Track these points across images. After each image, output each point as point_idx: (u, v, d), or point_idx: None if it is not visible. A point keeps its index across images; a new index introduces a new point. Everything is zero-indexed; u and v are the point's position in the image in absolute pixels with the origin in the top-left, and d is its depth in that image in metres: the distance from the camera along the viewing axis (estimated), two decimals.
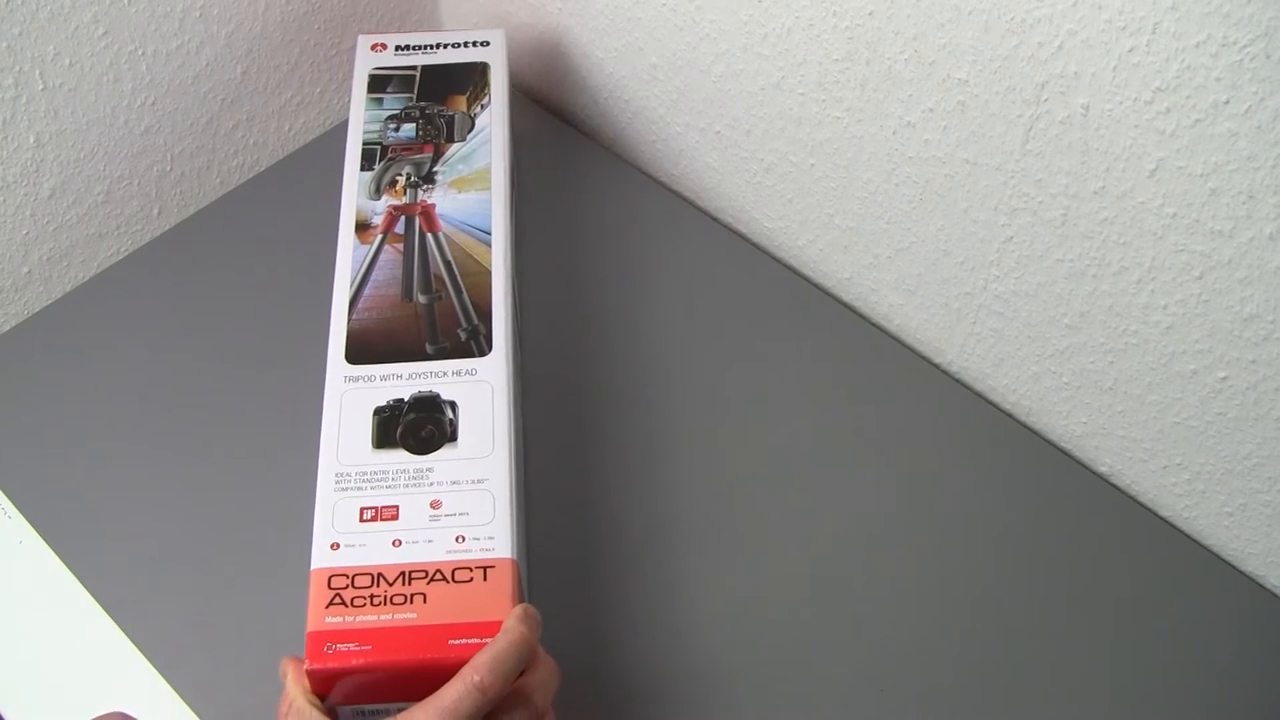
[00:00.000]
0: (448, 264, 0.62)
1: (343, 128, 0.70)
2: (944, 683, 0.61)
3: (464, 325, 0.60)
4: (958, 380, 0.74)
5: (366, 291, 0.61)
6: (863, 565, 0.65)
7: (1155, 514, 0.68)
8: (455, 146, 0.68)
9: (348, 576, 0.51)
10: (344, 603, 0.50)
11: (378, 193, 0.65)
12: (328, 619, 0.49)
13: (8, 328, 0.77)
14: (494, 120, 0.69)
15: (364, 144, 0.68)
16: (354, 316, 0.60)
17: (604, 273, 0.78)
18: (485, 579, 0.51)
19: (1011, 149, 0.61)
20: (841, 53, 0.65)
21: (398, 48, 0.74)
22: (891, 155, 0.67)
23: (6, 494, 0.67)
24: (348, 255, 0.62)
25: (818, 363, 0.73)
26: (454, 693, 0.46)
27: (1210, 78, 0.51)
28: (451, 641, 0.49)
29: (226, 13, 0.79)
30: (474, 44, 0.74)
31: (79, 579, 0.64)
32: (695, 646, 0.62)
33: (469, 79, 0.72)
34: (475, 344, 0.59)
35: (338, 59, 0.88)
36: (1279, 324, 0.56)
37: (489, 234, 0.64)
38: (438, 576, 0.51)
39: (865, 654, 0.62)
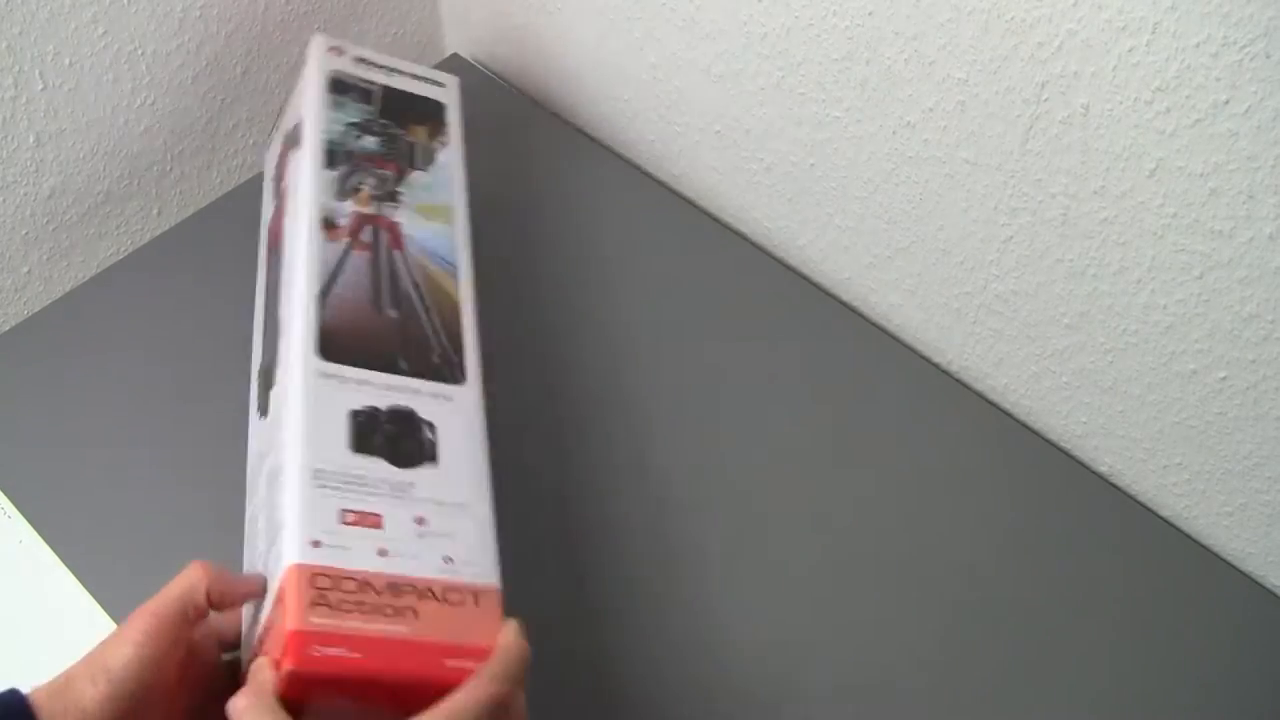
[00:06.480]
0: (416, 285, 0.60)
1: None
2: (943, 682, 0.61)
3: (436, 349, 0.58)
4: (957, 380, 0.74)
5: (336, 290, 0.59)
6: (862, 565, 0.65)
7: (1155, 514, 0.68)
8: (417, 174, 0.66)
9: (332, 578, 0.48)
10: (329, 605, 0.47)
11: (343, 195, 0.62)
12: (313, 619, 0.47)
13: (8, 327, 0.77)
14: (452, 162, 0.68)
15: (328, 142, 0.64)
16: (326, 311, 0.57)
17: (604, 272, 0.78)
18: (477, 604, 0.50)
19: (1011, 149, 0.61)
20: (841, 52, 0.65)
21: (356, 58, 0.71)
22: (891, 155, 0.67)
23: (6, 494, 0.67)
24: (316, 248, 0.59)
25: (818, 362, 0.73)
26: (469, 701, 0.45)
27: (1210, 77, 0.51)
28: (448, 662, 0.47)
29: (226, 12, 0.79)
30: (430, 81, 0.72)
31: (79, 579, 0.64)
32: (695, 647, 0.62)
33: (428, 113, 0.70)
34: (449, 371, 0.57)
35: None
36: (1279, 324, 0.56)
37: (453, 265, 0.62)
38: (428, 594, 0.49)
39: (864, 654, 0.62)
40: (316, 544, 0.49)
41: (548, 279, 0.78)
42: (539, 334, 0.75)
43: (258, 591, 0.50)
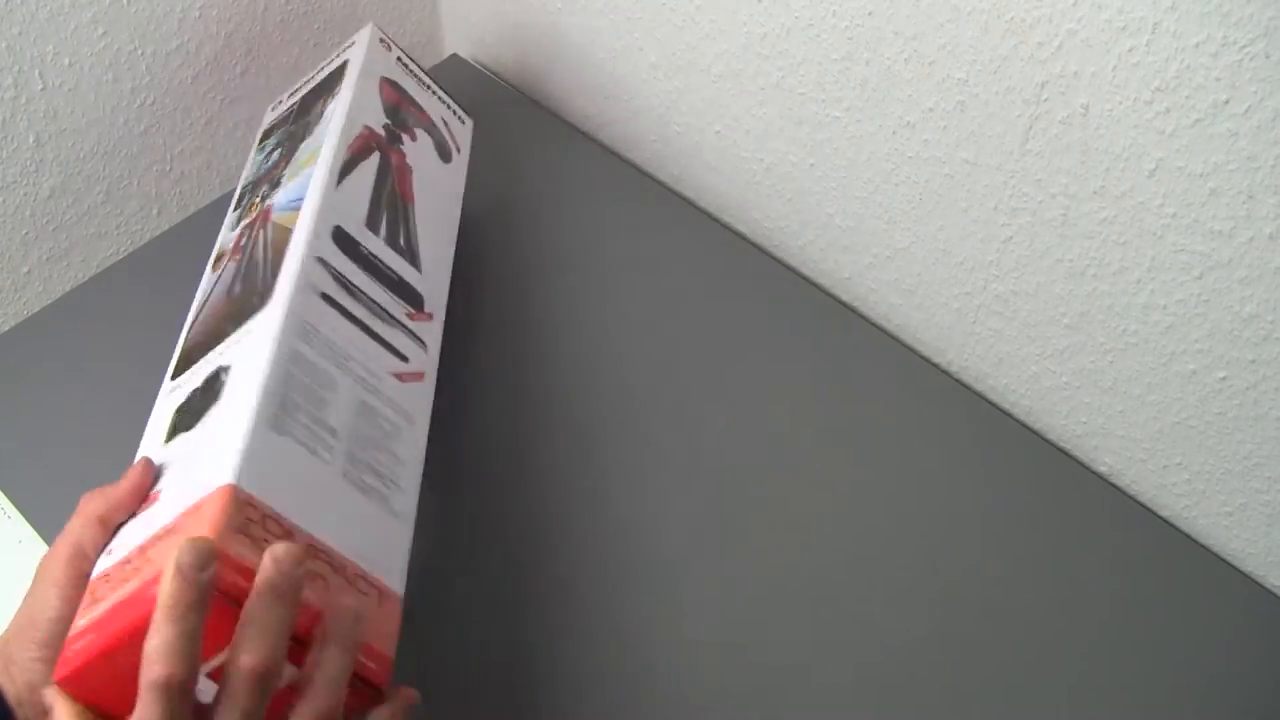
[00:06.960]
0: (266, 248, 0.60)
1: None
2: (942, 683, 0.61)
3: (258, 292, 0.57)
4: (957, 380, 0.74)
5: (205, 309, 0.59)
6: (862, 565, 0.65)
7: (1155, 514, 0.68)
8: (303, 145, 0.66)
9: (108, 576, 0.46)
10: (95, 600, 0.45)
11: (237, 222, 0.65)
12: (79, 622, 0.45)
13: (7, 327, 0.77)
14: (338, 104, 0.66)
15: (239, 188, 0.68)
16: (191, 334, 0.58)
17: (603, 273, 0.78)
18: (199, 512, 0.45)
19: (1011, 149, 0.61)
20: (841, 53, 0.65)
21: (291, 93, 0.74)
22: (891, 155, 0.68)
23: (6, 494, 0.67)
24: (201, 288, 0.62)
25: (817, 362, 0.73)
26: (141, 705, 0.38)
27: (1210, 77, 0.51)
28: (152, 592, 0.42)
29: (226, 13, 0.79)
30: (349, 47, 0.73)
31: None
32: (694, 648, 0.62)
33: (333, 80, 0.70)
34: (260, 302, 0.56)
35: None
36: (1278, 324, 0.56)
37: (300, 200, 0.61)
38: (165, 535, 0.46)
39: (862, 655, 0.62)
40: (109, 551, 0.48)
41: (546, 279, 0.78)
42: (537, 334, 0.75)
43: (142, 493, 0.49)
